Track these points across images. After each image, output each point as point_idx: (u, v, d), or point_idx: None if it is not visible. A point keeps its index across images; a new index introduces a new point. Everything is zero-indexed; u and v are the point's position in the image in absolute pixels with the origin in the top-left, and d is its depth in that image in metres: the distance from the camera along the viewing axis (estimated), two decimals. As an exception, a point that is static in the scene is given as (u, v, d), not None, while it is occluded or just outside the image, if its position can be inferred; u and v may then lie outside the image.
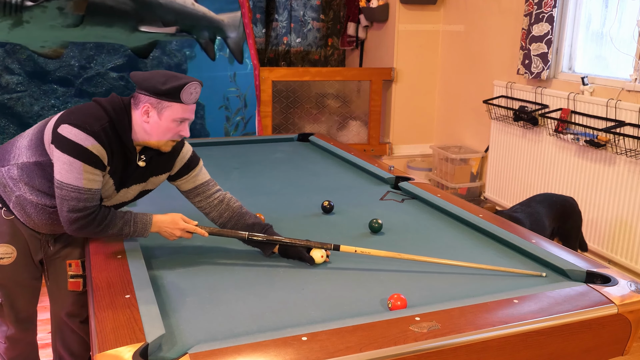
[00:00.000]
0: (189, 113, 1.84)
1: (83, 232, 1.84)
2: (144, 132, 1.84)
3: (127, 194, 1.97)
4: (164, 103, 1.79)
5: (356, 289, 1.73)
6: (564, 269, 1.82)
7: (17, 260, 2.03)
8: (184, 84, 1.77)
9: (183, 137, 1.87)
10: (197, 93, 1.82)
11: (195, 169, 2.04)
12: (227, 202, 2.04)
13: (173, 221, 1.91)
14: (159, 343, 1.37)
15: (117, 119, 1.82)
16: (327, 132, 5.37)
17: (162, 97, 1.78)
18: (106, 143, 1.78)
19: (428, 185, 2.70)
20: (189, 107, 1.83)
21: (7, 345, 2.18)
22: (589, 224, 3.64)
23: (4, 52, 4.06)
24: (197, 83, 1.81)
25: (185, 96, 1.79)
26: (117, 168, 1.87)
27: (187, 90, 1.79)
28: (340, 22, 5.83)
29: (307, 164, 3.21)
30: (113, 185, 1.90)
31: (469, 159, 4.79)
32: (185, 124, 1.85)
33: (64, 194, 1.78)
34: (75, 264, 2.11)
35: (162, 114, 1.80)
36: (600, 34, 3.81)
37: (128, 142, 1.85)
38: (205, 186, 2.04)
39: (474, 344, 1.43)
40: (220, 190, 2.07)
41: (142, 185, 1.99)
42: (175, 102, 1.79)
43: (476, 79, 4.79)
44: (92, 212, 1.80)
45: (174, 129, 1.84)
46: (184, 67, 4.68)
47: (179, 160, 2.00)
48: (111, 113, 1.81)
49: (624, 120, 3.34)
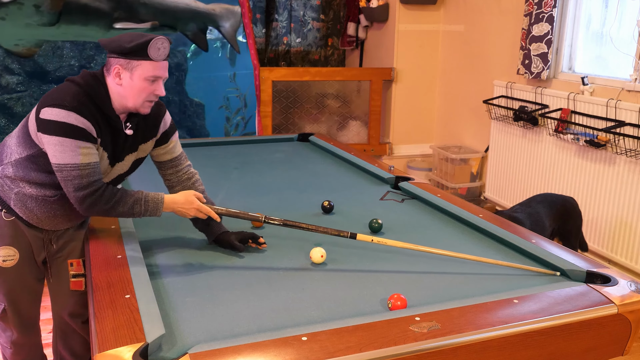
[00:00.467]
0: (160, 70, 1.84)
1: (94, 210, 1.85)
2: (120, 97, 1.85)
3: (122, 166, 1.99)
4: (133, 62, 1.80)
5: (356, 289, 1.73)
6: (564, 269, 1.82)
7: (20, 263, 2.02)
8: (149, 39, 1.78)
9: (159, 96, 1.88)
10: (164, 48, 1.82)
11: (174, 136, 2.09)
12: (194, 182, 2.10)
13: (187, 200, 1.92)
14: (159, 343, 1.37)
15: (93, 90, 1.83)
16: (327, 132, 5.37)
17: (130, 56, 1.79)
18: (89, 115, 1.79)
19: (428, 185, 2.69)
20: (159, 65, 1.83)
21: (12, 350, 2.17)
22: (589, 224, 3.64)
23: (4, 52, 4.06)
24: (164, 38, 1.81)
25: (153, 52, 1.79)
26: (107, 140, 1.88)
27: (153, 46, 1.79)
28: (340, 22, 5.83)
29: (307, 164, 3.21)
30: (107, 159, 1.91)
31: (469, 159, 4.79)
32: (159, 83, 1.86)
33: (65, 175, 1.79)
34: (76, 263, 2.11)
35: (134, 73, 1.81)
36: (600, 34, 3.81)
37: (109, 111, 1.85)
38: (179, 160, 2.10)
39: (474, 344, 1.43)
40: (190, 166, 2.13)
41: (135, 154, 2.01)
42: (144, 60, 1.80)
43: (476, 79, 4.79)
44: (98, 188, 1.82)
45: (147, 88, 1.84)
46: (184, 67, 4.68)
47: (162, 124, 2.04)
48: (85, 86, 1.83)
49: (624, 120, 3.34)
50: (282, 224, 1.94)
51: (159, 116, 2.02)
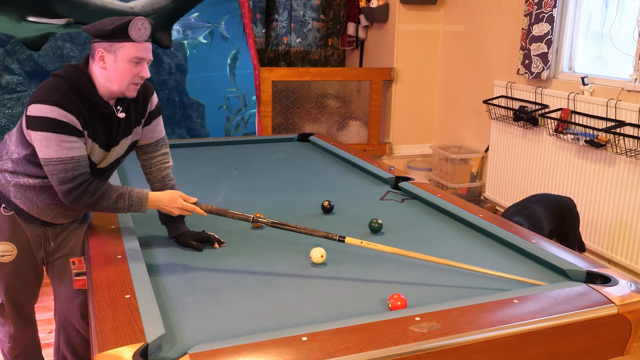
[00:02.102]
0: (143, 52, 1.84)
1: (80, 204, 1.87)
2: (106, 81, 1.85)
3: (119, 150, 2.00)
4: (116, 45, 1.80)
5: (356, 289, 1.73)
6: (564, 269, 1.82)
7: (18, 258, 2.03)
8: (129, 20, 1.78)
9: (144, 78, 1.88)
10: (145, 29, 1.82)
11: (158, 118, 2.09)
12: (164, 177, 2.13)
13: (172, 199, 1.94)
14: (159, 343, 1.37)
15: (77, 81, 1.84)
16: (327, 132, 5.37)
17: (112, 39, 1.80)
18: (72, 108, 1.80)
19: (428, 185, 2.69)
20: (141, 46, 1.83)
21: (10, 344, 2.18)
22: (589, 224, 3.64)
23: (4, 52, 4.07)
24: (144, 19, 1.81)
25: (134, 32, 1.80)
26: (96, 129, 1.89)
27: (134, 26, 1.79)
28: (340, 22, 5.83)
29: (307, 164, 3.21)
30: (100, 148, 1.92)
31: (469, 159, 4.79)
32: (143, 65, 1.86)
33: (51, 170, 1.82)
34: (78, 262, 2.11)
35: (117, 56, 1.81)
36: (600, 34, 3.81)
37: (97, 99, 1.86)
38: (156, 146, 2.11)
39: (474, 344, 1.43)
40: (167, 155, 2.14)
41: (130, 137, 2.02)
42: (126, 42, 1.80)
43: (476, 79, 4.79)
44: (83, 182, 1.84)
45: (131, 70, 1.84)
46: (184, 67, 4.68)
47: (149, 104, 2.05)
48: (69, 79, 1.84)
49: (624, 120, 3.34)
50: (270, 224, 1.94)
51: (146, 97, 2.04)
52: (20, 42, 4.11)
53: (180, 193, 1.96)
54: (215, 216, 1.99)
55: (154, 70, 4.56)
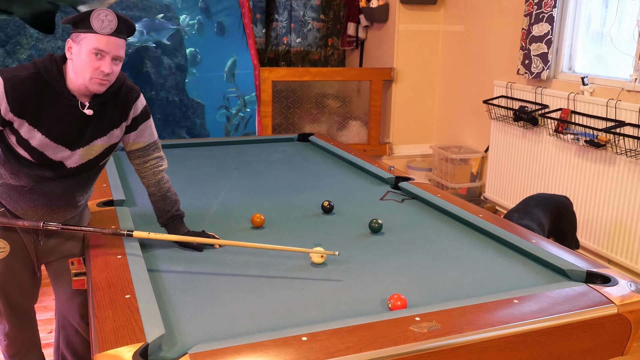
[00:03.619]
0: (104, 44, 1.78)
1: None
2: (73, 72, 1.83)
3: (90, 151, 1.95)
4: (81, 35, 1.78)
5: (356, 289, 1.73)
6: (564, 269, 1.82)
7: (10, 255, 2.03)
8: (93, 10, 1.76)
9: (104, 73, 1.80)
10: (109, 21, 1.77)
11: (144, 124, 2.05)
12: (159, 180, 2.10)
13: None
14: (159, 343, 1.37)
15: (44, 69, 1.82)
16: (327, 132, 5.37)
17: (77, 29, 1.78)
18: (20, 88, 1.78)
19: (428, 185, 2.70)
20: (104, 38, 1.77)
21: (7, 342, 2.17)
22: (589, 224, 3.64)
23: (4, 52, 4.06)
24: (109, 11, 1.78)
25: (96, 23, 1.76)
26: (46, 119, 1.84)
27: (95, 17, 1.76)
28: (340, 22, 5.83)
29: (307, 164, 3.21)
30: (55, 143, 1.87)
31: (469, 159, 4.79)
32: (106, 60, 1.79)
33: None
34: (77, 262, 2.11)
35: (81, 46, 1.79)
36: (600, 34, 3.81)
37: (60, 90, 1.83)
38: (146, 150, 2.08)
39: (474, 344, 1.43)
40: (161, 159, 2.12)
41: (105, 139, 1.97)
42: (89, 32, 1.77)
43: (476, 79, 4.79)
44: None
45: (92, 62, 1.79)
46: (184, 67, 4.68)
47: (132, 110, 2.00)
48: (38, 65, 1.83)
49: (624, 120, 3.34)
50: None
51: (129, 101, 1.98)
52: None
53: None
54: (215, 216, 1.99)
55: (154, 70, 4.56)
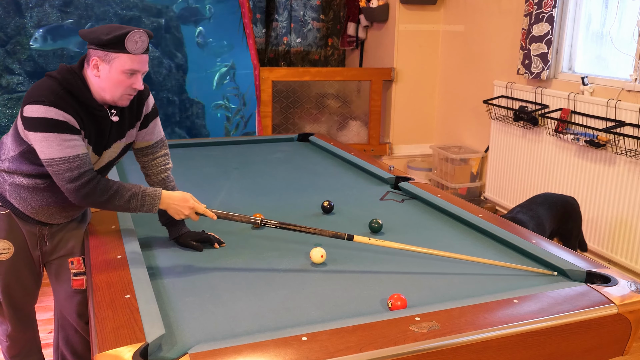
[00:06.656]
0: (138, 64, 1.81)
1: (89, 201, 1.86)
2: (99, 89, 1.84)
3: (111, 153, 1.99)
4: (111, 55, 1.78)
5: (356, 289, 1.73)
6: (564, 269, 1.82)
7: (14, 256, 2.03)
8: (127, 32, 1.76)
9: (137, 90, 1.86)
10: (142, 42, 1.80)
11: (155, 120, 2.08)
12: (165, 179, 2.11)
13: (183, 199, 1.93)
14: (159, 343, 1.37)
15: (69, 83, 1.82)
16: (327, 132, 5.37)
17: (107, 48, 1.78)
18: (69, 108, 1.79)
19: (428, 185, 2.69)
20: (137, 58, 1.81)
21: (8, 343, 2.18)
22: (589, 224, 3.64)
23: (4, 52, 4.07)
24: (142, 31, 1.79)
25: (131, 45, 1.78)
26: (90, 130, 1.88)
27: (131, 39, 1.77)
28: (340, 22, 5.83)
29: (307, 164, 3.21)
30: (92, 150, 1.91)
31: (469, 159, 4.79)
32: (138, 77, 1.84)
33: (55, 170, 1.81)
34: (77, 261, 2.11)
35: (112, 65, 1.80)
36: (600, 34, 3.81)
37: (90, 102, 1.85)
38: (155, 148, 2.10)
39: (474, 344, 1.43)
40: (167, 156, 2.13)
41: (124, 140, 2.01)
42: (121, 53, 1.78)
43: (476, 79, 4.79)
44: (91, 179, 1.83)
45: (125, 81, 1.82)
46: (184, 68, 4.68)
47: (145, 107, 2.03)
48: (62, 80, 1.82)
49: (624, 120, 3.34)
50: (279, 226, 1.94)
51: (142, 99, 2.01)
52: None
53: (191, 195, 1.96)
54: (215, 216, 1.98)
55: (154, 70, 4.56)
